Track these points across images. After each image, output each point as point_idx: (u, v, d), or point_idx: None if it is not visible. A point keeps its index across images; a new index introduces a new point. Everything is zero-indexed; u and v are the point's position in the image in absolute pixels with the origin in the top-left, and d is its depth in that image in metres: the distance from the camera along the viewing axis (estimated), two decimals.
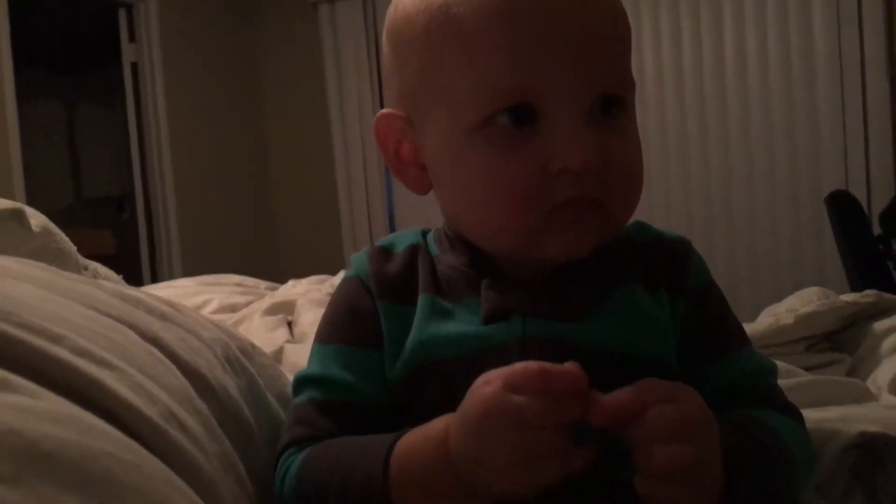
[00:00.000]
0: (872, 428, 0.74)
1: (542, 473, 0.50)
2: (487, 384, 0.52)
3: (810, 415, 0.70)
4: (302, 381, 0.66)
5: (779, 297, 1.60)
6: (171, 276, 3.83)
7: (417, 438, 0.56)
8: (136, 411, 0.46)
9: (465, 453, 0.52)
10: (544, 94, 0.58)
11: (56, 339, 0.46)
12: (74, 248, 0.91)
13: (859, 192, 3.32)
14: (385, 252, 0.69)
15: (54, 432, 0.38)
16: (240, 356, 0.69)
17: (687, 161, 3.79)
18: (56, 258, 0.82)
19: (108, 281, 0.89)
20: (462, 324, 0.62)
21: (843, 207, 2.93)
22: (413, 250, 0.69)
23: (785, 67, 3.60)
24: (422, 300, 0.64)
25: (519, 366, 0.51)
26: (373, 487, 0.56)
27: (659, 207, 3.74)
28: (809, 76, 3.55)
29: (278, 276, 2.42)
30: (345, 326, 0.67)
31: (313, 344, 0.68)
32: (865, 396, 1.06)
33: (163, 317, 0.63)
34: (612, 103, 0.61)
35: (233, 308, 1.69)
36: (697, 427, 0.52)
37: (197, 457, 0.48)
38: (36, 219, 0.84)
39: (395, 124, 0.66)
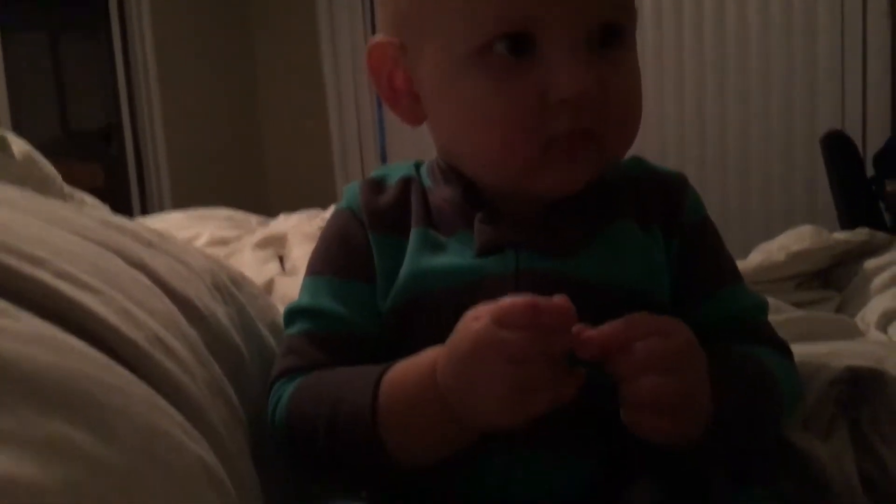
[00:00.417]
0: (860, 363, 0.74)
1: (531, 406, 0.50)
2: (476, 319, 0.51)
3: (799, 349, 0.70)
4: (293, 313, 0.66)
5: (768, 235, 1.60)
6: (161, 210, 3.81)
7: (406, 370, 0.56)
8: (121, 335, 0.45)
9: (453, 387, 0.52)
10: (543, 21, 0.56)
11: (37, 262, 0.44)
12: (59, 176, 0.89)
13: (855, 133, 3.30)
14: (377, 184, 0.68)
15: (33, 354, 0.37)
16: (229, 285, 0.68)
17: (682, 96, 3.75)
18: (39, 186, 0.80)
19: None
20: (455, 257, 0.62)
21: (838, 148, 2.91)
22: (406, 182, 0.68)
23: (786, 4, 3.54)
24: (414, 234, 0.64)
25: (507, 300, 0.51)
26: (360, 417, 0.56)
27: (652, 142, 3.72)
28: (810, 15, 3.50)
29: (269, 209, 2.41)
30: (336, 258, 0.66)
31: (305, 276, 0.68)
32: (853, 332, 1.07)
33: (149, 244, 0.61)
34: (614, 33, 0.59)
35: (223, 241, 1.69)
36: (684, 359, 0.52)
37: (184, 381, 0.48)
38: (18, 146, 0.82)
39: (389, 52, 0.64)
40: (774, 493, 0.66)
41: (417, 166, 0.70)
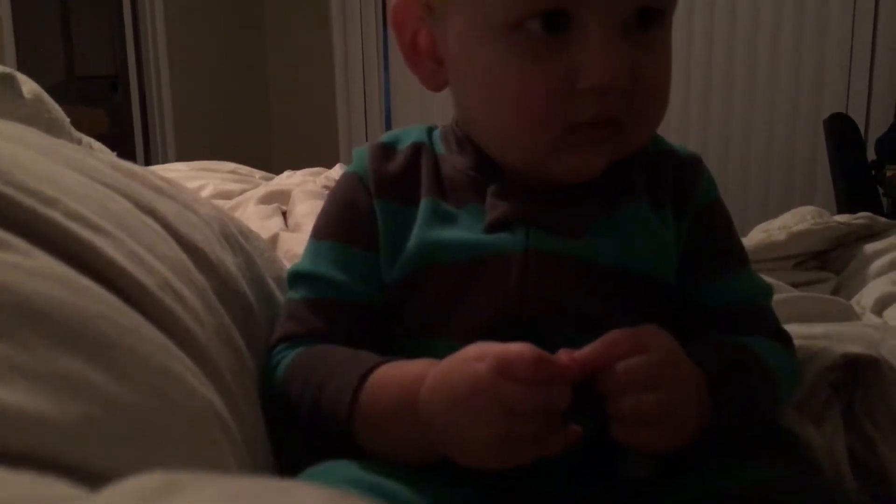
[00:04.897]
0: (856, 349, 0.75)
1: (515, 456, 0.50)
2: (480, 360, 0.50)
3: (794, 329, 0.71)
4: (295, 277, 0.66)
5: (765, 214, 1.60)
6: (164, 161, 3.79)
7: (393, 376, 0.56)
8: (132, 278, 0.45)
9: (439, 419, 0.52)
10: (582, 1, 0.55)
11: (48, 202, 0.44)
12: (67, 120, 0.88)
13: (858, 117, 3.30)
14: (387, 149, 0.67)
15: (46, 290, 0.37)
16: (237, 235, 0.68)
17: (688, 72, 3.73)
18: (48, 128, 0.79)
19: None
20: (464, 231, 0.61)
21: (840, 131, 2.91)
22: (417, 149, 0.67)
23: None
24: (424, 204, 0.63)
25: (514, 350, 0.50)
26: (338, 414, 0.56)
27: None
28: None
29: (272, 167, 2.40)
30: (340, 223, 0.65)
31: (309, 239, 0.67)
32: (849, 315, 1.07)
33: (159, 190, 0.61)
34: (651, 17, 0.57)
35: (227, 195, 1.68)
36: (664, 373, 0.52)
37: (193, 327, 0.48)
38: (28, 85, 0.81)
39: (414, 11, 0.62)
40: (767, 470, 0.67)
41: (430, 131, 0.69)
